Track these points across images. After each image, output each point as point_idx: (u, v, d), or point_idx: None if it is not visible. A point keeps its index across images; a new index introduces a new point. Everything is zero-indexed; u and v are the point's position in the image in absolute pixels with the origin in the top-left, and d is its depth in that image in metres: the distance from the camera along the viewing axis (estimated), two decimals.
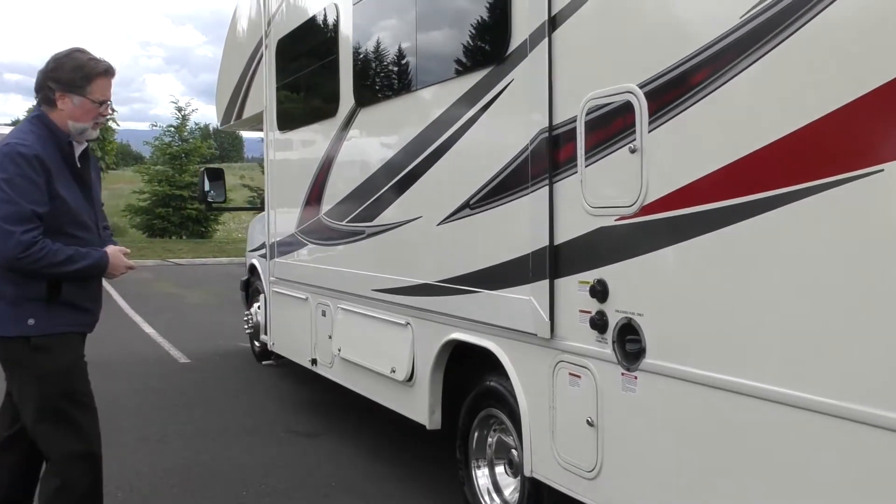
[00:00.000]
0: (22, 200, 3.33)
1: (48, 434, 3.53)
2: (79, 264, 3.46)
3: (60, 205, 3.45)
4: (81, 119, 3.59)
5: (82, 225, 3.58)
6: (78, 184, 3.60)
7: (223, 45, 9.22)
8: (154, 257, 22.08)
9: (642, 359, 3.00)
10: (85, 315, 3.65)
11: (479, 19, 4.08)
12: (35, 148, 3.42)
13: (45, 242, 3.36)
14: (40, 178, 3.38)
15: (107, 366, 8.68)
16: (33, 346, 3.47)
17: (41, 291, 3.46)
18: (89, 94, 3.58)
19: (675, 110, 2.82)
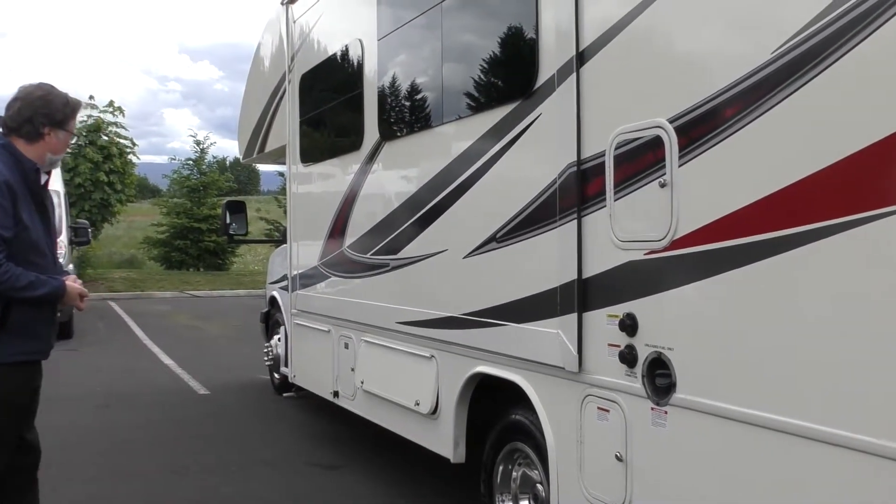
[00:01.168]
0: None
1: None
2: (38, 291, 3.50)
3: (22, 231, 3.50)
4: (59, 151, 3.76)
5: (40, 252, 3.63)
6: (39, 212, 3.65)
7: (240, 80, 9.47)
8: (172, 289, 22.17)
9: (672, 393, 2.98)
10: (36, 342, 3.65)
11: (505, 54, 4.13)
12: (4, 174, 3.48)
13: (9, 266, 3.41)
14: (8, 204, 3.44)
15: (127, 397, 8.71)
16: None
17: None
18: (69, 128, 3.77)
19: (705, 145, 2.84)
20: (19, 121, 3.64)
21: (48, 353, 3.75)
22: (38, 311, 3.62)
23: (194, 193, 28.50)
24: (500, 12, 4.22)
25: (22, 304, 3.51)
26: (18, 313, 3.51)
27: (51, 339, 3.76)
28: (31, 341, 3.61)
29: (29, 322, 3.57)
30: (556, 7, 3.61)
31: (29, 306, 3.54)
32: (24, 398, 3.66)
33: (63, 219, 13.57)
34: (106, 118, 25.27)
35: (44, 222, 3.68)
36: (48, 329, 3.72)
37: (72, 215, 17.21)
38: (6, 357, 3.51)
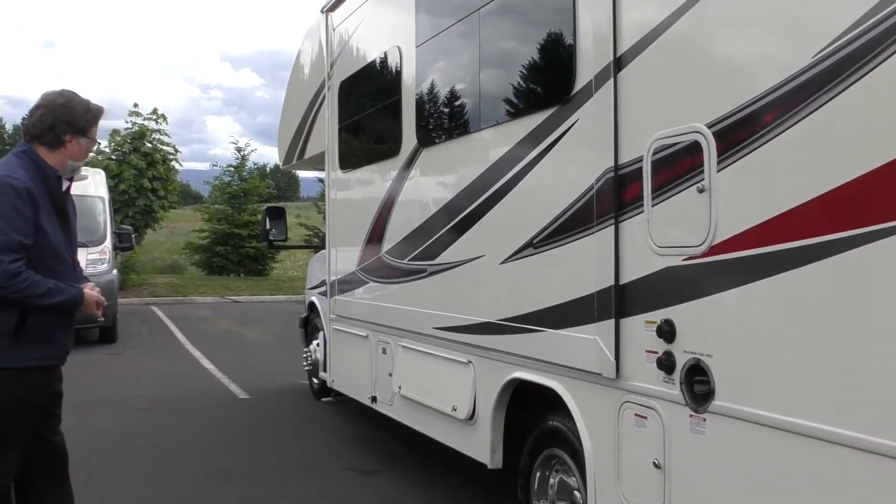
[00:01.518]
0: (10, 231, 3.41)
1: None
2: (56, 298, 3.52)
3: (43, 238, 3.52)
4: (79, 158, 3.76)
5: (61, 259, 3.64)
6: (60, 219, 3.67)
7: (280, 87, 9.52)
8: (213, 294, 22.45)
9: (711, 400, 2.96)
10: (52, 348, 3.66)
11: (543, 60, 4.14)
12: (26, 181, 3.50)
13: (28, 273, 3.43)
14: (29, 211, 3.46)
15: (169, 400, 8.84)
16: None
17: (9, 324, 3.49)
18: (91, 135, 3.77)
19: (744, 150, 2.82)
20: (41, 128, 3.65)
21: (65, 358, 3.78)
22: (56, 319, 3.64)
23: (235, 200, 28.83)
24: (538, 18, 4.23)
25: (40, 312, 3.54)
26: (35, 320, 3.55)
27: (67, 345, 3.77)
28: (48, 347, 3.64)
29: (45, 328, 3.59)
30: (593, 13, 3.61)
31: (46, 313, 3.57)
32: (39, 402, 3.67)
33: (108, 225, 13.83)
34: (150, 126, 25.70)
35: (65, 229, 3.71)
36: (65, 335, 3.74)
37: (116, 221, 17.52)
38: (22, 361, 3.55)
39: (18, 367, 3.54)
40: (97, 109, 3.79)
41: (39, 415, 3.70)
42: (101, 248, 13.25)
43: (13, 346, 3.51)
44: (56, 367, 3.75)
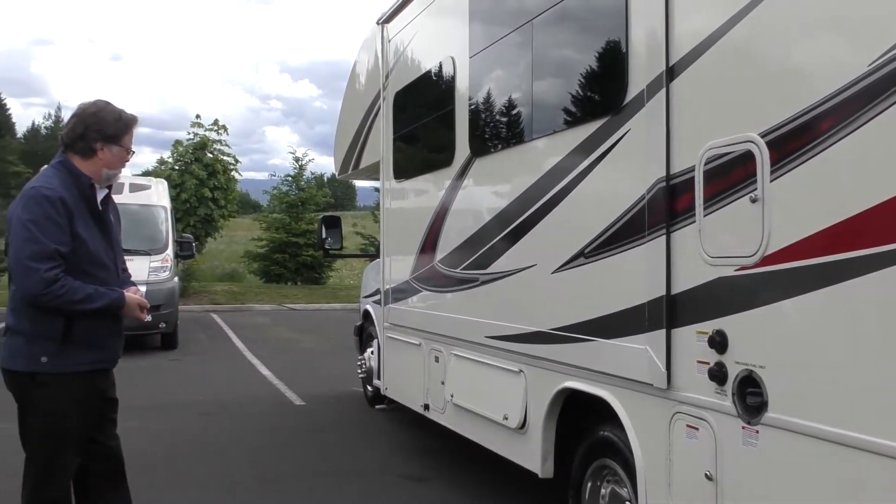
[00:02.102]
0: (46, 240, 3.49)
1: (26, 466, 3.70)
2: (96, 303, 3.59)
3: (80, 245, 3.59)
4: (115, 166, 3.81)
5: (101, 265, 3.71)
6: (98, 226, 3.74)
7: (338, 97, 9.58)
8: (270, 302, 22.79)
9: (764, 412, 2.92)
10: (101, 352, 3.75)
11: (594, 70, 4.14)
12: (59, 191, 3.59)
13: (66, 280, 3.51)
14: (63, 219, 3.54)
15: (227, 406, 9.01)
16: (38, 382, 3.61)
17: (56, 330, 3.58)
18: (124, 143, 3.81)
19: (798, 159, 2.79)
20: (73, 137, 3.73)
21: (115, 362, 3.86)
22: (103, 323, 3.72)
23: (293, 209, 29.22)
24: (590, 28, 4.24)
25: (84, 317, 3.62)
26: (82, 325, 3.63)
27: (117, 349, 3.85)
28: (97, 351, 3.72)
29: (93, 333, 3.68)
30: (645, 22, 3.61)
31: (91, 318, 3.65)
32: (90, 406, 3.75)
33: (169, 233, 14.17)
34: (210, 136, 26.23)
35: (105, 236, 3.78)
36: (113, 340, 3.82)
37: (178, 230, 17.92)
38: (72, 366, 3.63)
39: (68, 372, 3.62)
40: (129, 118, 3.83)
41: (92, 419, 3.79)
42: (163, 256, 13.59)
43: (62, 350, 3.60)
44: (107, 371, 3.84)
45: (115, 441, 3.96)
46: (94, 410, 3.79)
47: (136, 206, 13.73)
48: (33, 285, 3.50)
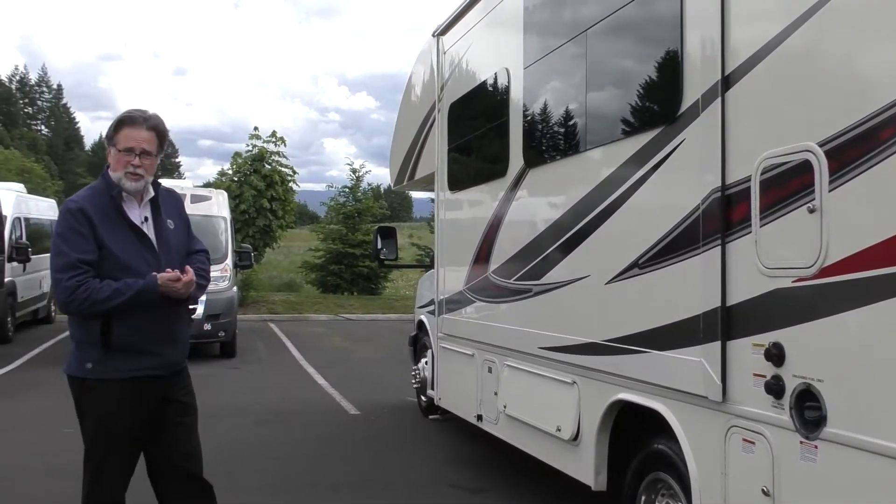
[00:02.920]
0: (70, 251, 3.57)
1: (83, 469, 3.77)
2: (126, 295, 3.56)
3: (106, 253, 3.62)
4: (116, 168, 3.72)
5: (133, 272, 3.64)
6: (135, 232, 3.72)
7: (394, 109, 9.66)
8: (327, 312, 22.99)
9: (823, 427, 2.86)
10: (145, 358, 3.69)
11: (649, 80, 4.11)
12: (80, 202, 3.65)
13: (89, 283, 3.54)
14: (85, 229, 3.59)
15: (283, 414, 9.12)
16: (86, 386, 3.70)
17: (95, 336, 3.62)
18: (117, 144, 3.72)
19: (857, 169, 2.74)
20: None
21: (167, 368, 3.79)
22: (145, 328, 3.67)
23: (349, 220, 29.45)
24: (645, 38, 4.21)
25: (124, 322, 3.61)
26: (120, 331, 3.62)
27: (169, 356, 3.79)
28: (142, 358, 3.68)
29: (135, 339, 3.65)
30: (701, 31, 3.58)
31: (131, 323, 3.62)
32: (139, 411, 3.72)
33: (229, 243, 14.43)
34: (269, 148, 26.62)
35: (142, 243, 3.73)
36: (166, 347, 3.76)
37: (237, 240, 18.22)
38: (112, 373, 3.64)
39: (111, 378, 3.65)
40: (120, 116, 3.78)
41: (141, 424, 3.77)
42: (223, 266, 13.84)
43: (105, 357, 3.63)
44: (158, 377, 3.76)
45: (187, 446, 3.91)
46: (144, 416, 3.76)
47: (197, 216, 13.97)
48: (59, 295, 3.63)
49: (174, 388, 3.88)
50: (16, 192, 16.55)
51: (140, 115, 3.77)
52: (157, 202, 3.85)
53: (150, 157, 3.75)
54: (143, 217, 3.80)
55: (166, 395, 3.84)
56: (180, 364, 3.91)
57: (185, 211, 4.08)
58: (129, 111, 3.80)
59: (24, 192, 18.07)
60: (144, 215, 3.81)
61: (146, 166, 3.73)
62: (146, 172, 3.74)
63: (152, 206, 3.84)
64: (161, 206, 3.87)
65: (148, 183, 3.79)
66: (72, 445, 7.50)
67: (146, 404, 3.76)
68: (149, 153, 3.73)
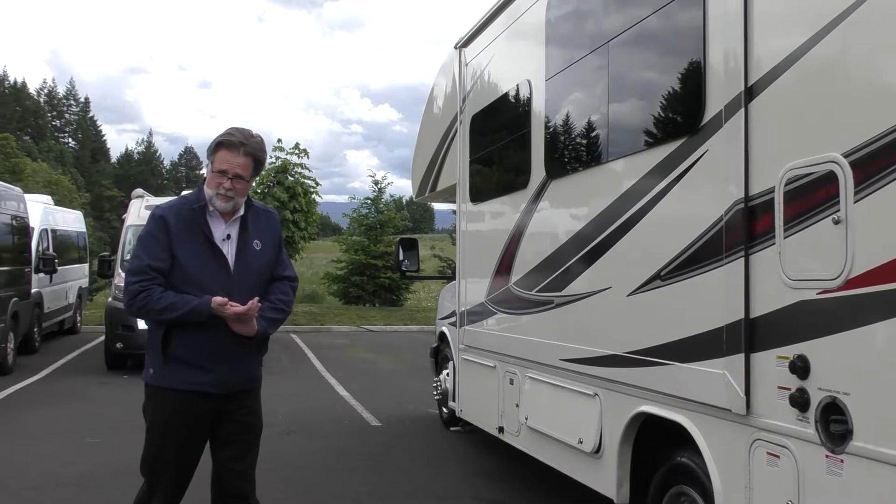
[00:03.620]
0: (143, 255, 3.68)
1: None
2: (179, 311, 3.62)
3: (176, 264, 3.68)
4: (209, 185, 3.77)
5: (200, 287, 3.67)
6: (211, 248, 3.74)
7: (417, 121, 9.68)
8: (349, 324, 23.03)
9: (849, 441, 2.83)
10: (199, 373, 3.70)
11: (671, 91, 4.10)
12: (164, 210, 3.77)
13: (150, 291, 3.62)
14: (162, 235, 3.68)
15: (306, 425, 9.14)
16: (147, 392, 3.81)
17: (157, 343, 3.71)
18: (212, 164, 3.78)
19: (883, 180, 2.71)
20: None
21: (221, 387, 3.75)
22: (199, 343, 3.68)
23: (371, 231, 29.56)
24: (667, 49, 4.20)
25: (182, 334, 3.67)
26: (177, 341, 3.68)
27: (224, 374, 3.74)
28: (196, 372, 3.70)
29: (190, 352, 3.69)
30: (724, 42, 3.57)
31: (188, 338, 3.67)
32: (191, 426, 3.76)
33: None
34: (292, 160, 26.77)
35: (218, 260, 3.74)
36: (215, 363, 3.72)
37: None
38: (168, 382, 3.72)
39: (167, 388, 3.72)
40: (218, 138, 3.81)
41: (194, 439, 3.79)
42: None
43: (164, 365, 3.70)
44: (209, 395, 3.73)
45: (239, 464, 3.87)
46: (197, 431, 3.79)
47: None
48: (125, 297, 3.73)
49: (234, 408, 3.84)
50: (43, 204, 16.74)
51: (239, 139, 3.76)
52: (245, 221, 3.85)
53: (243, 182, 3.77)
54: (225, 234, 3.80)
55: (224, 414, 3.82)
56: (239, 385, 3.85)
57: (279, 234, 4.07)
58: (231, 132, 3.80)
59: (51, 203, 18.29)
60: (228, 233, 3.81)
61: (238, 190, 3.76)
62: (237, 195, 3.77)
63: (240, 224, 3.84)
64: (249, 225, 3.86)
65: (239, 204, 3.81)
66: (97, 455, 7.57)
67: (199, 419, 3.77)
68: (241, 177, 3.75)
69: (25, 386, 11.41)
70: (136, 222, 13.58)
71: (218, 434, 3.86)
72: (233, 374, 3.80)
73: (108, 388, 11.36)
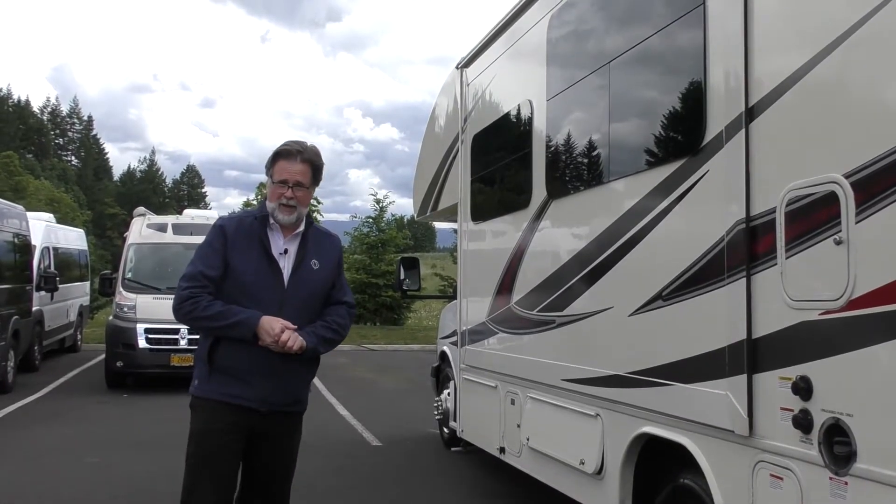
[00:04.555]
0: (199, 262, 3.70)
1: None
2: (227, 320, 3.59)
3: (231, 273, 3.67)
4: (271, 199, 3.78)
5: (254, 299, 3.65)
6: (268, 260, 3.72)
7: (418, 140, 9.71)
8: (350, 343, 22.95)
9: (853, 463, 2.81)
10: (241, 386, 3.65)
11: (672, 111, 4.11)
12: (225, 220, 3.82)
13: (199, 298, 3.61)
14: (219, 244, 3.70)
15: (306, 445, 8.98)
16: (192, 404, 3.78)
17: (204, 353, 3.70)
18: (272, 176, 3.80)
19: (885, 200, 2.71)
20: None
21: (262, 403, 3.68)
22: (243, 355, 3.62)
23: (373, 250, 29.58)
24: (668, 70, 4.22)
25: (228, 345, 3.63)
26: (222, 351, 3.65)
27: (265, 390, 3.67)
28: (238, 385, 3.65)
29: (233, 363, 3.65)
30: (724, 62, 3.58)
31: (235, 349, 3.62)
32: (230, 441, 3.67)
33: None
34: None
35: (273, 272, 3.72)
36: (258, 378, 3.65)
37: None
38: (211, 393, 3.68)
39: (210, 398, 3.69)
40: (276, 150, 3.83)
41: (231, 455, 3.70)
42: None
43: (210, 375, 3.69)
44: (251, 410, 3.67)
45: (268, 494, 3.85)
46: (234, 446, 3.70)
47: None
48: (174, 301, 3.71)
49: (272, 430, 3.78)
50: (45, 222, 16.77)
51: (296, 147, 3.82)
52: (305, 238, 3.84)
53: (304, 189, 3.78)
54: (283, 248, 3.79)
55: (261, 435, 3.75)
56: (281, 405, 3.77)
57: (339, 258, 4.07)
58: (287, 143, 3.85)
59: (53, 221, 18.32)
60: (286, 247, 3.80)
61: (299, 198, 3.76)
62: (299, 203, 3.77)
63: (300, 240, 3.83)
64: (309, 242, 3.85)
65: (302, 216, 3.81)
66: (96, 475, 7.54)
67: (232, 433, 3.68)
68: (302, 185, 3.77)
69: (25, 405, 11.38)
70: (137, 240, 13.63)
71: (251, 457, 3.78)
72: (276, 391, 3.73)
73: (108, 406, 11.33)
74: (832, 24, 2.98)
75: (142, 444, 8.71)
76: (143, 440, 8.90)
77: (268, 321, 3.60)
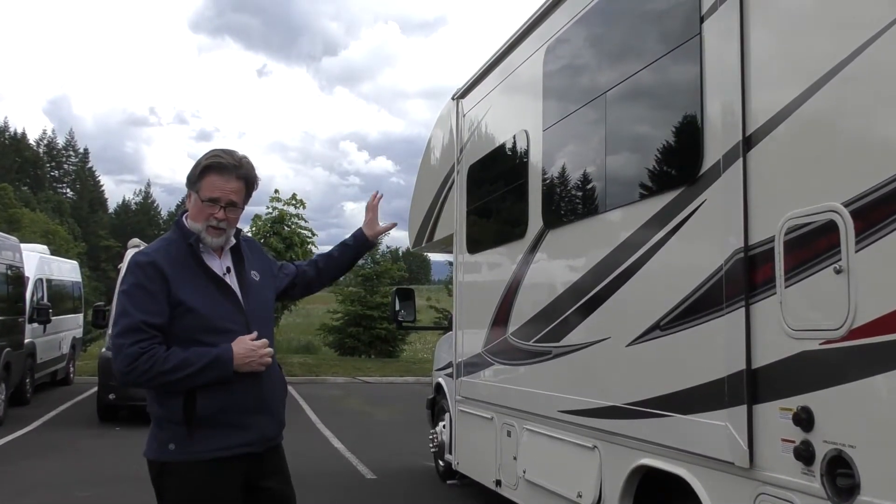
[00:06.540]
0: (134, 311, 3.06)
1: None
2: (195, 366, 3.04)
3: (186, 312, 3.11)
4: (196, 219, 3.23)
5: (219, 330, 3.15)
6: (217, 285, 3.23)
7: (413, 173, 9.71)
8: (345, 375, 22.85)
9: (857, 496, 2.76)
10: (236, 434, 3.16)
11: (669, 141, 4.11)
12: (152, 255, 3.17)
13: (154, 351, 3.03)
14: (156, 286, 3.09)
15: (299, 478, 8.91)
16: (167, 471, 3.16)
17: (178, 411, 3.09)
18: (199, 192, 3.22)
19: (885, 228, 2.69)
20: None
21: (262, 444, 3.26)
22: (237, 396, 3.15)
23: (368, 282, 29.53)
24: (664, 100, 4.22)
25: (209, 391, 3.09)
26: (205, 402, 3.10)
27: (263, 427, 3.25)
28: (234, 434, 3.16)
29: (222, 411, 3.13)
30: (721, 93, 3.58)
31: (218, 393, 3.10)
32: (228, 498, 3.19)
33: None
34: (289, 210, 26.86)
35: (228, 298, 3.23)
36: (254, 417, 3.21)
37: None
38: (199, 453, 3.12)
39: (199, 460, 3.12)
40: (205, 161, 3.23)
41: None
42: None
43: (190, 435, 3.11)
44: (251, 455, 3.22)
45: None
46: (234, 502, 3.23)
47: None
48: (118, 363, 3.11)
49: (264, 473, 3.32)
50: (39, 254, 16.71)
51: (231, 161, 3.23)
52: (239, 251, 3.37)
53: (236, 210, 3.26)
54: (224, 268, 3.31)
55: (253, 482, 3.28)
56: (275, 438, 3.36)
57: (269, 261, 3.66)
58: (218, 154, 3.26)
59: (47, 253, 18.25)
60: (226, 265, 3.32)
61: (231, 220, 3.25)
62: (229, 226, 3.27)
63: (233, 255, 3.35)
64: (245, 254, 3.40)
65: (230, 237, 3.32)
66: None
67: (231, 490, 3.20)
68: (235, 205, 3.25)
69: (16, 438, 11.24)
70: None
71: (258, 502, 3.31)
72: (271, 424, 3.31)
73: (100, 440, 11.19)
74: (826, 57, 2.99)
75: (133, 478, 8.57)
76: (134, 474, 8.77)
77: (239, 346, 3.15)
